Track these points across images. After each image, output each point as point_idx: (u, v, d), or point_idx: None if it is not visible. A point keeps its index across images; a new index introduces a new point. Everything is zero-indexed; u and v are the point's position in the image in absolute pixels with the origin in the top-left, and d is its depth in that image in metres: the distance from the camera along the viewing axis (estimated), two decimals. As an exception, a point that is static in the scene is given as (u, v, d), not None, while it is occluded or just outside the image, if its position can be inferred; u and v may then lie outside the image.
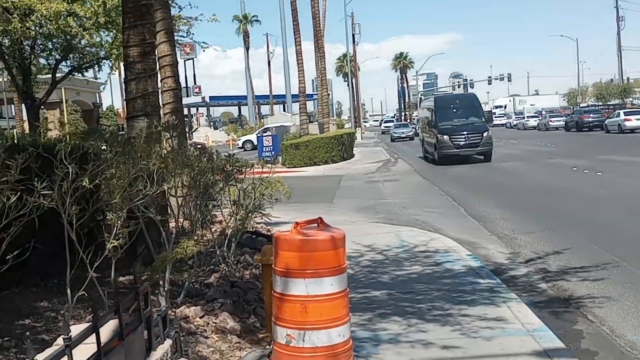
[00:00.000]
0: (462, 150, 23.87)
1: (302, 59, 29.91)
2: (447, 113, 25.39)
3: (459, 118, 25.11)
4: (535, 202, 12.89)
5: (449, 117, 25.10)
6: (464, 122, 24.85)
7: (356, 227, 10.89)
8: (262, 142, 27.89)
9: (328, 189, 18.20)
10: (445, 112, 25.43)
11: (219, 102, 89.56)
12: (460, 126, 24.54)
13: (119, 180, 3.64)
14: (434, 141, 24.80)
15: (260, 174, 8.47)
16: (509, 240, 9.25)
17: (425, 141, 27.84)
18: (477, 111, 26.07)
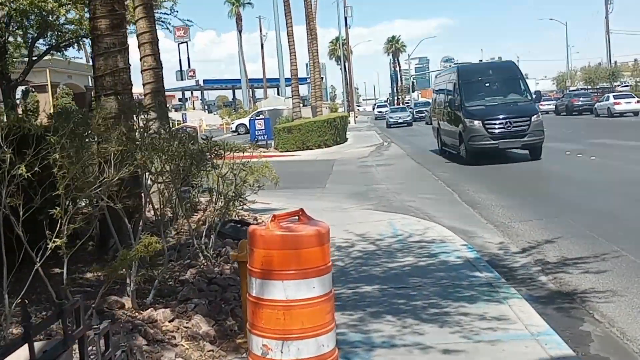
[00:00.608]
0: (502, 142, 16.82)
1: (293, 41, 29.28)
2: (478, 89, 18.56)
3: (495, 96, 18.32)
4: (530, 187, 12.51)
5: (480, 94, 18.35)
6: (502, 102, 18.07)
7: (348, 215, 10.46)
8: (255, 125, 27.34)
9: (320, 174, 17.77)
10: (475, 88, 18.57)
11: (213, 86, 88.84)
12: (497, 107, 17.61)
13: (67, 167, 3.17)
14: (457, 129, 17.98)
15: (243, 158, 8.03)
16: (505, 229, 8.84)
17: (442, 130, 20.81)
18: (518, 86, 18.83)
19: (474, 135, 16.87)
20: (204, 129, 56.50)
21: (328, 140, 27.31)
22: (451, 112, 18.91)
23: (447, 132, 19.91)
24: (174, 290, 4.68)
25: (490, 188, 12.81)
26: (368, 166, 19.68)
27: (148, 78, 9.53)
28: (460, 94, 18.30)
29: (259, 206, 12.25)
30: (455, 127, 18.36)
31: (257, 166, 8.72)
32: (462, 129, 17.50)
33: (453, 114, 18.63)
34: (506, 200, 11.24)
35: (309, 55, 37.16)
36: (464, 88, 18.38)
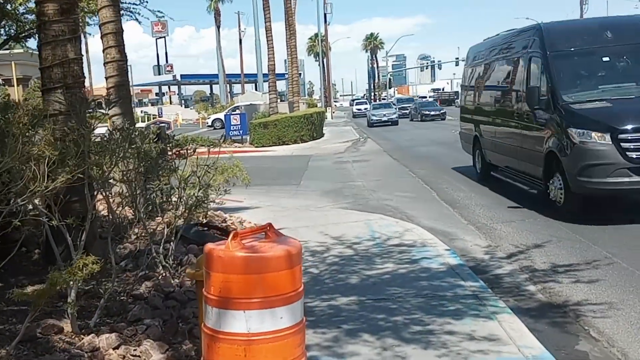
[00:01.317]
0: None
1: (272, 36, 28.68)
2: (588, 69, 10.20)
3: (623, 81, 9.91)
4: (510, 186, 12.15)
5: (593, 80, 10.04)
6: None
7: (323, 214, 10.00)
8: (230, 120, 26.69)
9: (295, 170, 17.28)
10: (583, 67, 10.22)
11: (190, 81, 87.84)
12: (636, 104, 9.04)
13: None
14: (542, 148, 9.54)
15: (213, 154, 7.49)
16: (487, 231, 8.46)
17: (492, 143, 12.40)
18: None
19: (594, 162, 8.30)
20: (180, 124, 55.61)
21: (304, 136, 26.83)
22: (524, 114, 10.28)
23: (507, 148, 11.33)
24: (125, 308, 4.16)
25: (469, 187, 12.44)
26: (344, 162, 19.25)
27: (111, 71, 8.92)
28: (551, 77, 9.50)
29: (231, 204, 11.72)
30: (534, 144, 9.88)
31: (227, 166, 8.19)
32: (556, 147, 8.95)
33: (529, 117, 10.09)
34: (486, 199, 10.88)
35: (287, 51, 36.58)
36: (558, 66, 9.60)
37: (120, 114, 8.91)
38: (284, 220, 9.52)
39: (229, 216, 9.72)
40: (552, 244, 7.27)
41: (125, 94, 9.05)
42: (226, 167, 8.15)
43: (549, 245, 7.22)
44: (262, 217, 9.96)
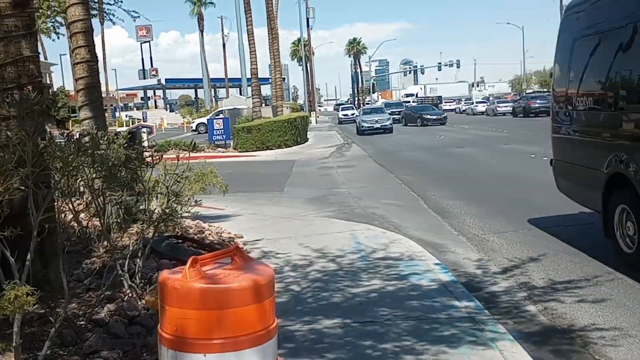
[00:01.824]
0: None
1: (254, 40, 28.21)
2: None
3: None
4: (500, 193, 11.80)
5: None
6: None
7: (306, 224, 9.53)
8: (213, 125, 26.16)
9: (279, 176, 16.81)
10: None
11: (175, 85, 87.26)
12: None
13: None
14: None
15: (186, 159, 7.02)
16: (479, 243, 8.05)
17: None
18: None
19: None
20: (165, 128, 54.90)
21: (288, 141, 26.38)
22: None
23: None
24: (82, 337, 3.66)
25: (457, 194, 12.06)
26: (329, 168, 18.82)
27: (81, 72, 8.39)
28: None
29: (210, 212, 11.23)
30: None
31: (202, 173, 7.70)
32: None
33: None
34: (476, 208, 10.48)
35: (270, 55, 36.12)
36: None
37: (91, 118, 8.39)
38: (265, 230, 9.05)
39: (207, 226, 9.22)
40: (549, 258, 6.86)
41: (97, 97, 8.53)
42: (201, 174, 7.68)
43: (545, 259, 6.81)
44: (242, 227, 9.48)
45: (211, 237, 7.86)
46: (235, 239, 8.32)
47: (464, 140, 25.61)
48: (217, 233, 8.40)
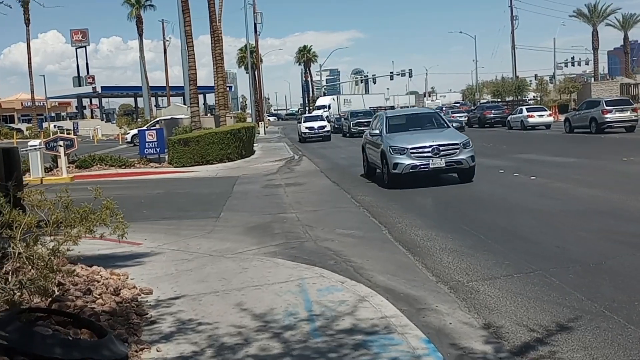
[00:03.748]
0: None
1: (192, 40, 25.84)
2: None
3: None
4: (477, 220, 9.93)
5: None
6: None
7: (241, 267, 7.36)
8: (145, 137, 23.56)
9: (217, 197, 14.58)
10: None
11: (112, 93, 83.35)
12: None
13: None
14: None
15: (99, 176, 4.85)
16: (467, 295, 6.10)
17: None
18: None
19: None
20: (98, 140, 51.49)
21: (232, 154, 24.15)
22: None
23: None
24: None
25: (426, 221, 10.15)
26: (276, 186, 16.68)
27: None
28: None
29: (121, 249, 8.94)
30: None
31: (89, 209, 5.48)
32: None
33: None
34: (452, 241, 8.55)
35: (212, 60, 33.74)
36: None
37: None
38: (186, 280, 6.85)
39: (108, 273, 6.95)
40: (579, 322, 4.94)
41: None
42: (85, 212, 5.45)
43: (579, 328, 4.89)
44: (157, 273, 7.27)
45: (102, 299, 5.59)
46: (141, 298, 6.09)
47: (421, 153, 23.96)
48: (116, 289, 6.13)
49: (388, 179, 14.17)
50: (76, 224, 5.30)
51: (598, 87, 55.74)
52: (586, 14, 65.53)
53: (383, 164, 14.46)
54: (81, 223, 5.34)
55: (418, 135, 14.65)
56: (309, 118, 42.65)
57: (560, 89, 65.92)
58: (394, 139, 14.44)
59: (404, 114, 18.67)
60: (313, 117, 42.92)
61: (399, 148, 13.89)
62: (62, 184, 19.40)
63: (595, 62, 68.52)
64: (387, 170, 14.06)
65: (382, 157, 14.54)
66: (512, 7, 70.42)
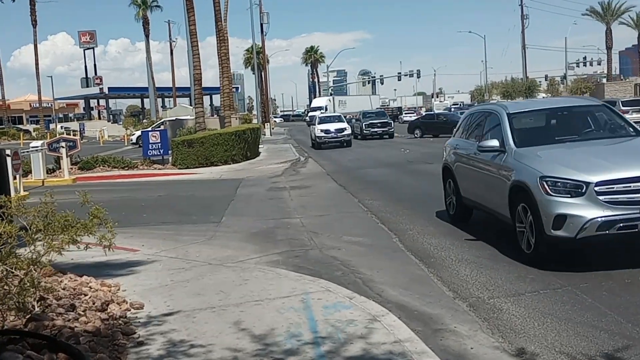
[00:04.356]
0: None
1: (196, 40, 25.35)
2: None
3: None
4: (493, 228, 9.32)
5: None
6: None
7: (241, 279, 6.81)
8: (148, 138, 23.07)
9: (219, 200, 14.05)
10: None
11: (119, 94, 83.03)
12: None
13: None
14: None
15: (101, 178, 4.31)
16: (490, 314, 5.52)
17: None
18: None
19: None
20: (104, 141, 51.15)
21: (236, 155, 23.60)
22: None
23: None
24: None
25: (439, 228, 9.57)
26: (280, 189, 16.12)
27: None
28: None
29: (117, 256, 8.40)
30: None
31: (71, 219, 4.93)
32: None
33: None
34: (468, 250, 7.95)
35: (218, 60, 33.25)
36: None
37: None
38: (181, 293, 6.30)
39: (98, 284, 6.44)
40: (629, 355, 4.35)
41: None
42: (71, 219, 4.92)
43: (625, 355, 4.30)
44: (151, 284, 6.73)
45: (86, 317, 5.03)
46: (131, 314, 5.54)
47: (431, 155, 23.28)
48: (104, 303, 5.59)
49: (538, 247, 6.85)
50: (57, 234, 4.76)
51: (611, 87, 54.88)
52: (599, 12, 64.65)
53: (522, 214, 7.16)
54: (63, 233, 4.80)
55: (593, 150, 7.50)
56: (326, 119, 34.82)
57: (572, 89, 65.02)
58: (544, 159, 7.18)
59: (538, 108, 9.46)
60: (330, 118, 35.42)
61: (567, 182, 6.57)
62: (63, 186, 18.94)
63: (609, 61, 67.53)
64: (538, 227, 6.74)
65: (514, 197, 7.33)
66: (523, 5, 69.59)
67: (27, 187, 17.42)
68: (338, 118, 35.07)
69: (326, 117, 35.91)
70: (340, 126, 32.53)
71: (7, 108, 67.62)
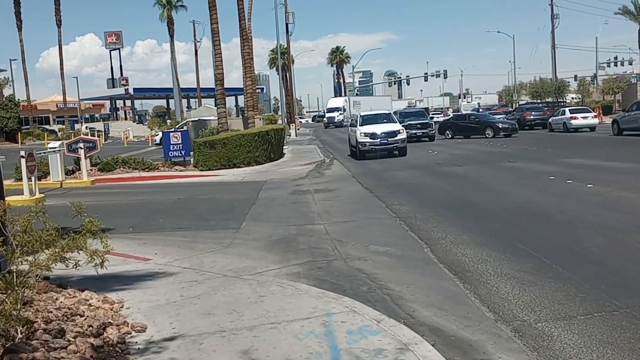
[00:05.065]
0: None
1: (218, 39, 24.87)
2: None
3: None
4: (533, 237, 8.55)
5: None
6: None
7: (257, 295, 6.17)
8: (169, 139, 22.64)
9: (240, 204, 13.48)
10: None
11: (144, 95, 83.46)
12: None
13: None
14: None
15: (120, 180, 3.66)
16: (538, 341, 4.79)
17: None
18: None
19: None
20: (128, 141, 51.20)
21: (260, 157, 23.05)
22: None
23: None
24: None
25: (473, 236, 8.81)
26: (304, 192, 15.47)
27: None
28: None
29: (127, 266, 7.90)
30: None
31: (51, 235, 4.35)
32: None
33: None
34: (507, 263, 7.22)
35: (241, 58, 32.78)
36: None
37: None
38: (188, 312, 5.69)
39: (101, 300, 5.87)
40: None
41: None
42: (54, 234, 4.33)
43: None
44: (159, 301, 6.13)
45: (76, 345, 4.43)
46: (130, 338, 4.94)
47: (461, 157, 22.51)
48: (101, 326, 4.99)
49: None
50: (41, 249, 4.18)
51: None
52: (632, 12, 62.69)
53: None
54: (48, 248, 4.22)
55: None
56: (370, 118, 26.16)
57: (603, 89, 63.15)
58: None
59: None
60: (376, 117, 26.64)
61: None
62: (81, 188, 18.60)
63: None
64: None
65: None
66: (553, 5, 67.83)
67: (44, 189, 17.10)
68: (387, 117, 26.91)
69: (371, 116, 27.08)
70: (390, 128, 24.51)
71: (34, 108, 68.33)
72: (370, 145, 24.06)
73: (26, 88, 58.40)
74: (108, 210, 13.41)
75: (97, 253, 4.31)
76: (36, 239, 4.14)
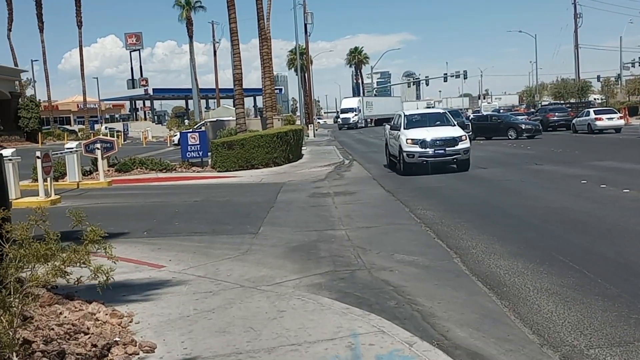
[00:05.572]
0: None
1: (237, 39, 24.50)
2: None
3: None
4: (570, 245, 7.98)
5: None
6: None
7: (276, 310, 5.69)
8: (187, 140, 22.30)
9: (258, 207, 13.03)
10: None
11: (163, 95, 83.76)
12: None
13: None
14: None
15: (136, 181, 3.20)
16: (592, 370, 4.23)
17: None
18: None
19: None
20: (147, 142, 51.16)
21: (278, 158, 22.61)
22: None
23: None
24: None
25: (507, 245, 8.25)
26: (323, 195, 14.99)
27: None
28: None
29: (139, 275, 7.47)
30: None
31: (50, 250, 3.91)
32: None
33: None
34: (549, 276, 6.66)
35: (260, 60, 32.43)
36: None
37: None
38: (202, 328, 5.22)
39: (109, 314, 5.44)
40: None
41: None
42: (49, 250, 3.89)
43: None
44: (170, 314, 5.68)
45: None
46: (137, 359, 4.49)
47: (485, 159, 21.84)
48: (106, 346, 4.55)
49: None
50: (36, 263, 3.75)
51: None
52: (658, 10, 61.28)
53: None
54: (46, 262, 3.79)
55: None
56: (419, 119, 19.71)
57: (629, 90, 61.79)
58: None
59: None
60: (427, 118, 20.09)
61: None
62: (98, 189, 18.32)
63: (667, 61, 64.13)
64: None
65: None
66: (576, 4, 66.64)
67: (61, 190, 16.83)
68: (441, 118, 20.00)
69: (420, 116, 20.58)
70: (448, 133, 18.09)
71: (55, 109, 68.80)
72: (420, 156, 17.70)
73: (47, 88, 58.84)
74: (123, 212, 13.05)
75: (101, 270, 3.86)
76: (33, 253, 3.70)
